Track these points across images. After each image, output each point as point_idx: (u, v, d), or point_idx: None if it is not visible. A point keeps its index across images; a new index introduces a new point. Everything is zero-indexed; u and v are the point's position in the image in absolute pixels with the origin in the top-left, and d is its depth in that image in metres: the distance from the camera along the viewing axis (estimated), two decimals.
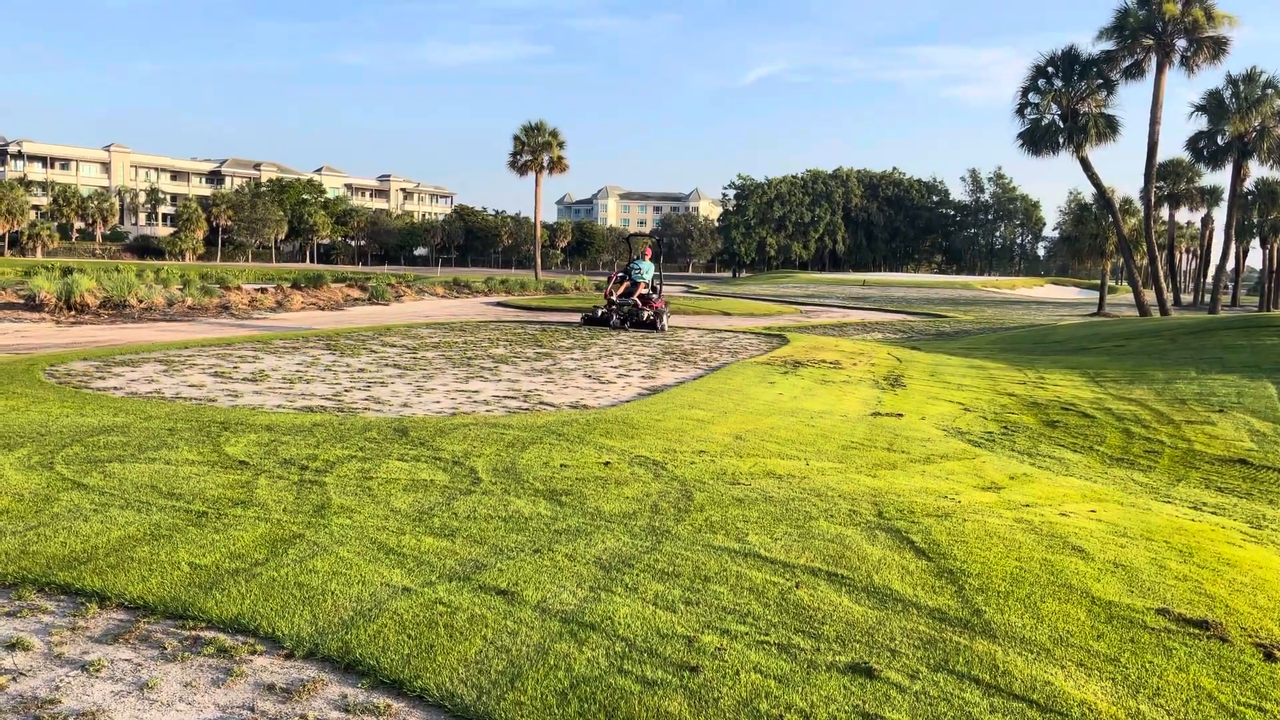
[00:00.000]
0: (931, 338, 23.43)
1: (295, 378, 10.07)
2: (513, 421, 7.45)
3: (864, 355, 15.43)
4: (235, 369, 10.61)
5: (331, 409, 8.11)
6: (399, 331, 16.69)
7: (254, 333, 16.40)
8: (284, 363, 11.42)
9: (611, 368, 12.23)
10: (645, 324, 18.12)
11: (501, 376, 10.87)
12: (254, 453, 6.03)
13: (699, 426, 7.64)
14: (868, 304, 40.81)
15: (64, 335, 15.14)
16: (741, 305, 34.82)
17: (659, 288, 19.34)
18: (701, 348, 15.54)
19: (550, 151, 57.91)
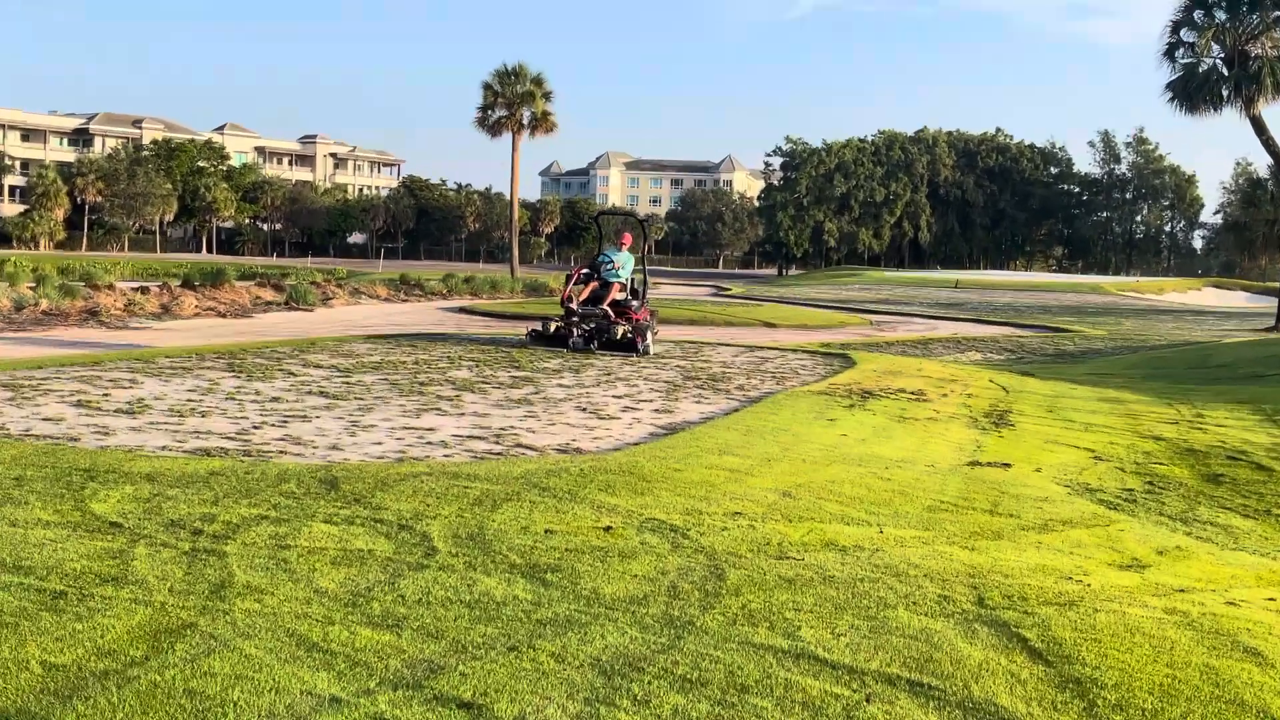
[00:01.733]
0: (1049, 359, 23.41)
1: (187, 409, 10.10)
2: (480, 471, 7.46)
3: (957, 383, 15.41)
4: (106, 397, 10.65)
5: (235, 452, 8.13)
6: (327, 347, 16.74)
7: (131, 347, 16.46)
8: (171, 389, 11.46)
9: (614, 398, 12.25)
10: (620, 344, 16.96)
11: (465, 408, 10.89)
12: (130, 511, 6.03)
13: (733, 479, 7.63)
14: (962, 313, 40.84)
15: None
16: (790, 314, 34.85)
17: (643, 291, 18.37)
18: (736, 371, 15.56)
19: (532, 105, 58.34)
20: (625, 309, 17.76)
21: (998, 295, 56.88)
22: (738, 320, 30.17)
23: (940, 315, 38.50)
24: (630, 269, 18.24)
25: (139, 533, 5.61)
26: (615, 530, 6.07)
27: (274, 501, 6.36)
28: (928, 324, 33.63)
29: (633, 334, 17.06)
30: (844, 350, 19.95)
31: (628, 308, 17.79)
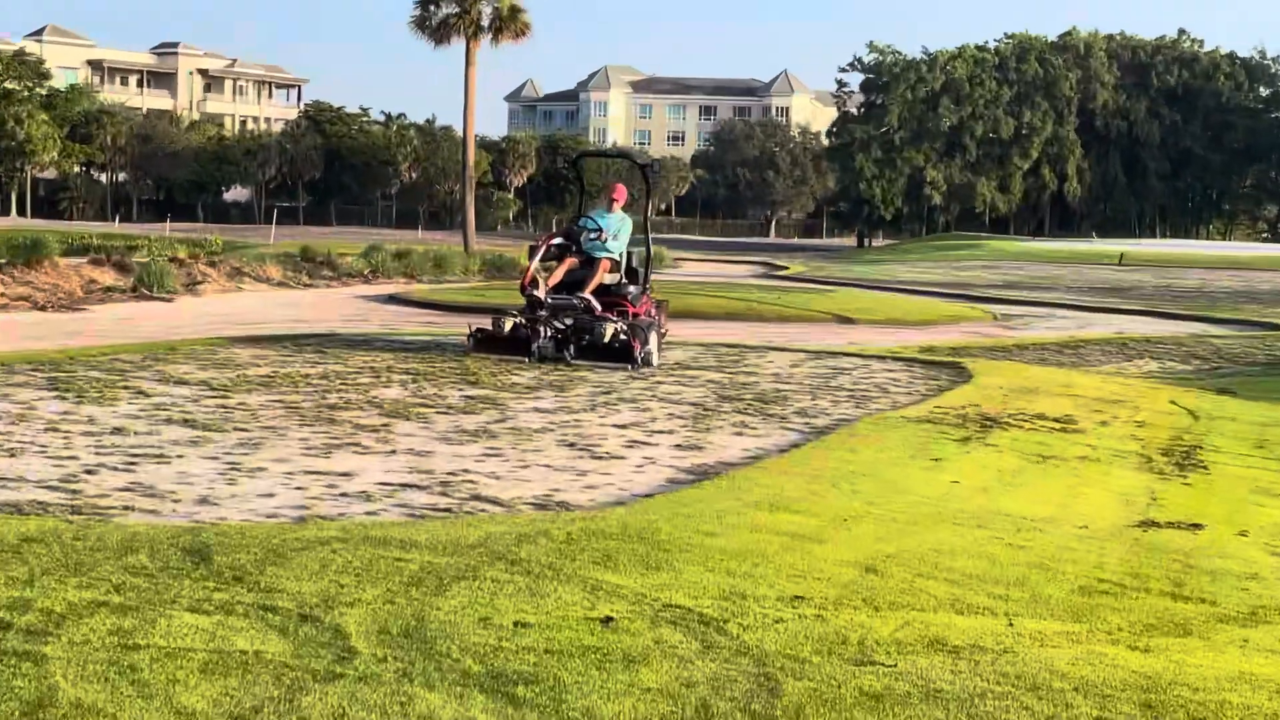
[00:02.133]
0: (1258, 370, 23.33)
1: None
2: (420, 535, 7.45)
3: (1122, 405, 15.38)
4: None
5: (59, 509, 8.12)
6: (195, 354, 16.77)
7: None
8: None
9: (615, 427, 12.25)
10: (609, 350, 16.74)
11: (397, 443, 10.90)
12: None
13: (792, 547, 7.62)
14: (1129, 301, 40.81)
15: None
16: (875, 303, 34.82)
17: (645, 272, 18.30)
18: (795, 388, 15.56)
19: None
20: (618, 298, 17.52)
21: (1182, 276, 56.85)
22: (797, 313, 30.15)
23: (1097, 305, 38.44)
24: (626, 238, 17.98)
25: None
26: (618, 623, 6.04)
27: (116, 581, 6.35)
28: (1078, 318, 33.57)
29: (628, 335, 16.75)
30: (955, 357, 19.94)
31: (622, 296, 17.57)
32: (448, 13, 58.90)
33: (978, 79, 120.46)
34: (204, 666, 5.30)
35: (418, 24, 59.64)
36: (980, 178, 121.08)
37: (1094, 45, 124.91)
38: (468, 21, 58.47)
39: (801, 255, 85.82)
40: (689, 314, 29.25)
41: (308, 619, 5.91)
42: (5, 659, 5.27)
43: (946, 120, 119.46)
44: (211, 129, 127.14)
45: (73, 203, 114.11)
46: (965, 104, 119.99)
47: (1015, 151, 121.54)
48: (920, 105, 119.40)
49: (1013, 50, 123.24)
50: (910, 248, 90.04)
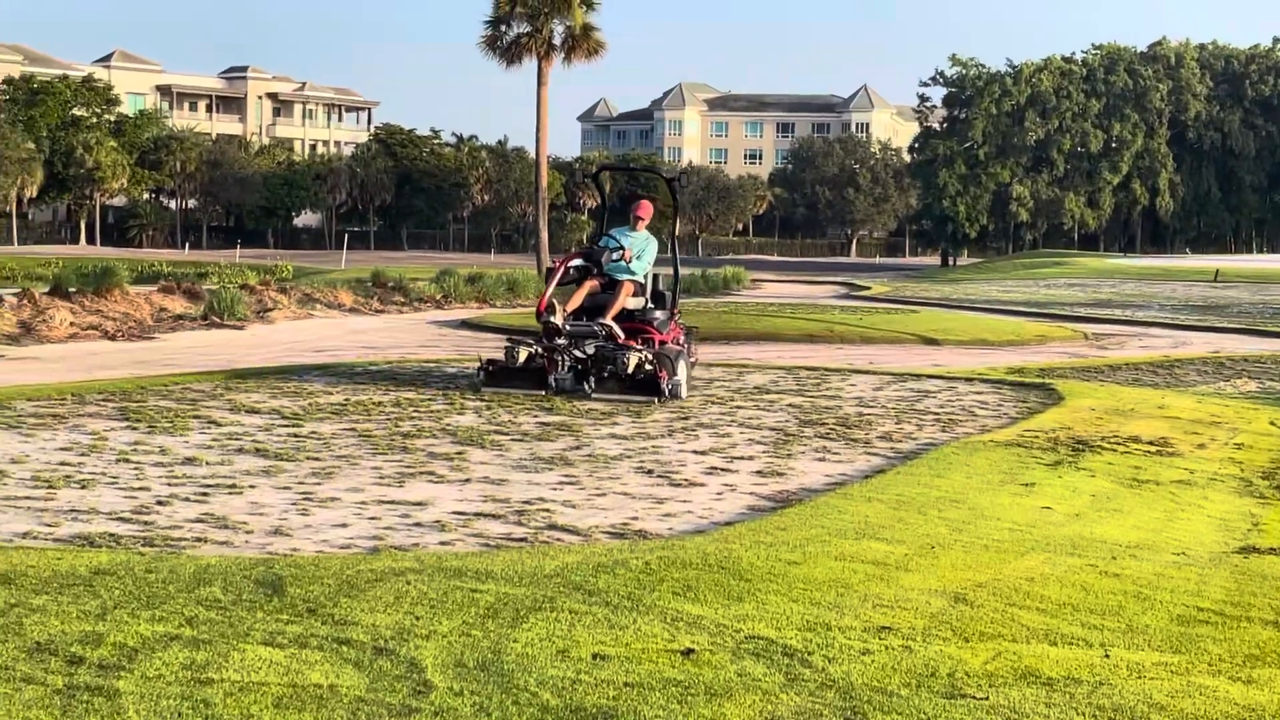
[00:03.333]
0: None
1: (58, 477, 10.23)
2: (495, 566, 7.47)
3: (1221, 427, 15.22)
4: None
5: (131, 540, 8.21)
6: (266, 382, 16.90)
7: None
8: (35, 447, 11.62)
9: (694, 453, 12.23)
10: (633, 381, 15.85)
11: (471, 471, 10.94)
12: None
13: (878, 577, 7.59)
14: (1226, 319, 40.36)
15: None
16: (961, 324, 34.64)
17: (672, 295, 17.71)
18: (879, 411, 15.49)
19: (567, 14, 58.80)
20: (643, 324, 16.78)
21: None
22: (880, 334, 30.03)
23: (1192, 324, 38.06)
24: (651, 259, 17.27)
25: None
26: (699, 654, 6.03)
27: (189, 614, 6.41)
28: (1172, 337, 33.24)
29: (654, 365, 15.90)
30: (1044, 379, 19.79)
31: (647, 322, 16.84)
32: (519, 32, 59.18)
33: (1064, 91, 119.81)
34: (278, 701, 5.33)
35: (489, 44, 59.96)
36: (1068, 193, 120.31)
37: (1185, 55, 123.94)
38: (539, 41, 58.72)
39: (884, 275, 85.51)
40: (768, 336, 29.26)
41: (383, 652, 5.94)
42: (78, 694, 5.32)
43: (1032, 134, 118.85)
44: (281, 153, 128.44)
45: (142, 230, 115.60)
46: (1052, 117, 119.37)
47: (1104, 165, 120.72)
48: (1005, 119, 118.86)
49: (1101, 61, 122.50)
50: (996, 266, 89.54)
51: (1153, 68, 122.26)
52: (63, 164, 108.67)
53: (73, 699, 5.27)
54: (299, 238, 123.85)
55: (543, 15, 58.55)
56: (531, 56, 59.14)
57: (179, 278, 43.75)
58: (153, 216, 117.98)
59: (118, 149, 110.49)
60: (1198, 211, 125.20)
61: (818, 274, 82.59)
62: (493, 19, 59.55)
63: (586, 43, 59.05)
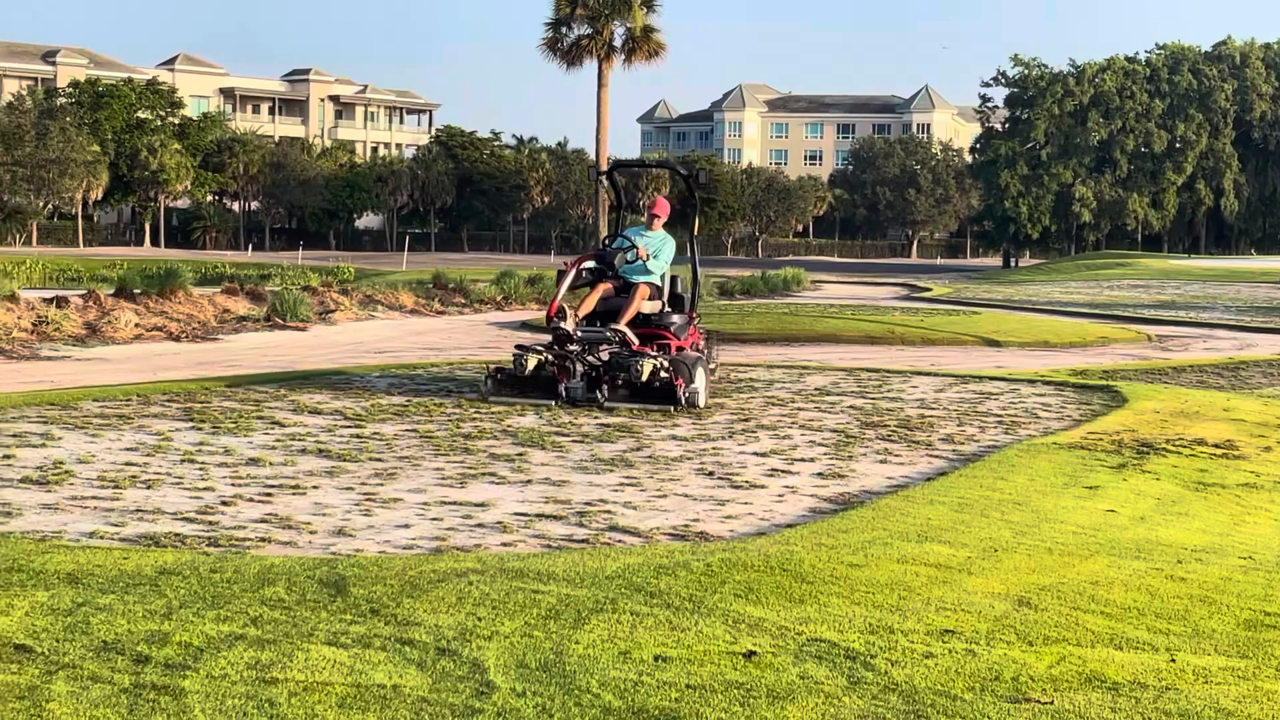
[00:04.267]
0: None
1: (124, 477, 10.32)
2: (557, 567, 7.49)
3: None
4: (6, 459, 10.94)
5: (196, 540, 8.27)
6: (329, 383, 17.00)
7: (43, 386, 16.93)
8: (102, 447, 11.73)
9: (755, 455, 12.22)
10: (648, 390, 15.07)
11: (532, 473, 10.96)
12: (44, 629, 6.17)
13: (941, 579, 7.57)
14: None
15: None
16: (1023, 325, 34.47)
17: (691, 297, 17.08)
18: (941, 414, 15.43)
19: (628, 17, 58.88)
20: (659, 329, 16.13)
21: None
22: (942, 336, 29.91)
23: (1258, 326, 37.70)
24: (668, 260, 16.57)
25: (57, 661, 5.74)
26: (761, 656, 6.03)
27: (253, 613, 6.46)
28: (1238, 339, 32.94)
29: (670, 372, 15.11)
30: (1108, 381, 19.65)
31: (664, 327, 16.17)
32: (579, 34, 59.39)
33: (1128, 91, 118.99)
34: (342, 701, 5.36)
35: (549, 46, 60.18)
36: (1131, 194, 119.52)
37: (1250, 55, 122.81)
38: (599, 43, 58.89)
39: (945, 276, 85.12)
40: (829, 338, 29.19)
41: (445, 652, 5.96)
42: (144, 693, 5.37)
43: (1095, 134, 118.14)
44: (343, 155, 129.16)
45: (205, 232, 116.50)
46: (1115, 117, 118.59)
47: (1168, 166, 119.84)
48: (1068, 119, 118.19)
49: (1164, 61, 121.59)
50: (1058, 267, 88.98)
51: (1217, 67, 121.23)
52: (127, 166, 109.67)
53: (139, 698, 5.32)
54: (360, 240, 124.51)
55: (603, 17, 58.70)
56: (592, 58, 59.35)
57: (242, 279, 44.03)
58: (216, 219, 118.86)
59: (181, 151, 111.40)
60: (1263, 212, 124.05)
61: (878, 275, 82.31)
62: (553, 21, 59.76)
63: (647, 44, 59.15)
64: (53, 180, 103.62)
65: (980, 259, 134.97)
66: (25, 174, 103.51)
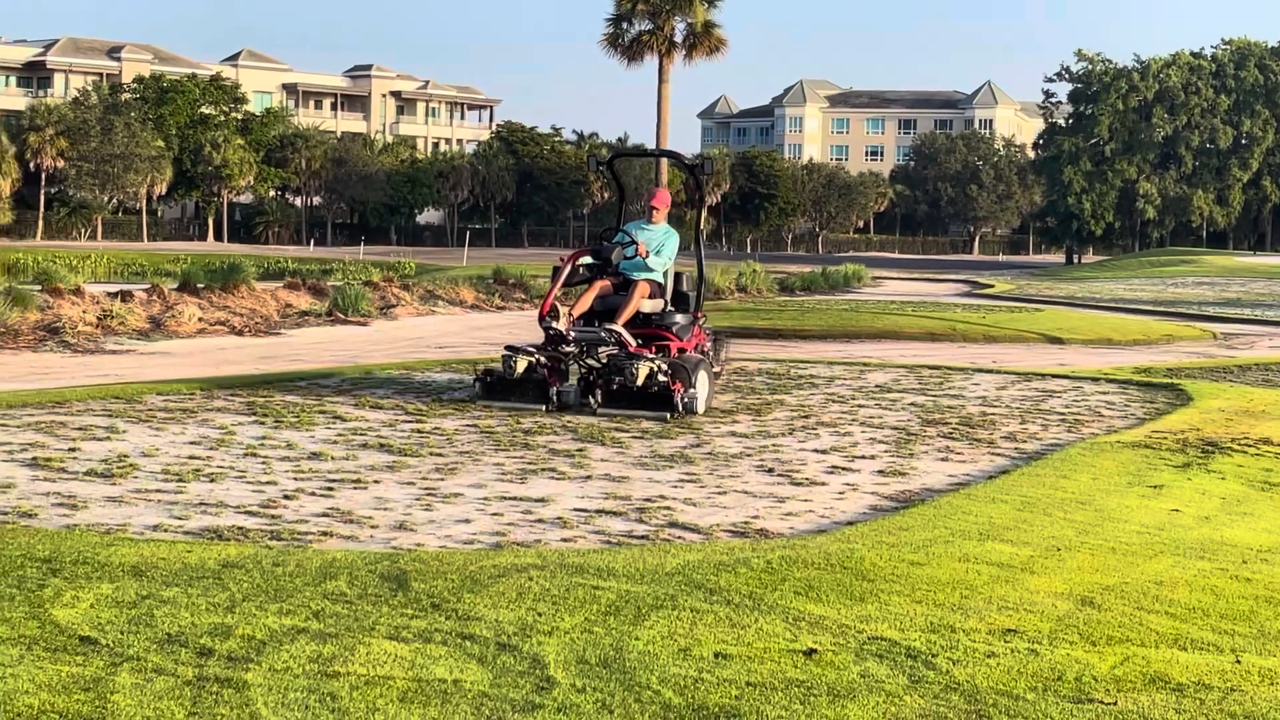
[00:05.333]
0: None
1: (188, 471, 10.40)
2: (617, 563, 7.49)
3: None
4: (72, 453, 11.04)
5: (259, 534, 8.32)
6: (390, 378, 17.06)
7: (108, 379, 17.08)
8: (166, 440, 11.82)
9: (815, 452, 12.20)
10: (644, 395, 14.11)
11: (592, 468, 10.98)
12: (109, 622, 6.22)
13: (1003, 578, 7.54)
14: None
15: None
16: (1086, 322, 34.26)
17: (696, 296, 15.85)
18: (1003, 412, 15.35)
19: (689, 12, 58.84)
20: (660, 330, 15.10)
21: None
22: (1004, 333, 29.75)
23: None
24: (670, 255, 15.46)
25: (122, 653, 5.79)
26: (822, 654, 6.02)
27: (315, 607, 6.50)
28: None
29: (669, 377, 14.10)
30: (1172, 379, 19.50)
31: (665, 327, 15.12)
32: (640, 30, 59.39)
33: (1193, 87, 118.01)
34: (403, 695, 5.39)
35: (610, 42, 60.21)
36: (1196, 190, 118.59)
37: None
38: (660, 38, 58.86)
39: (1007, 273, 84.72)
40: (889, 334, 29.10)
41: (506, 647, 5.98)
42: (207, 685, 5.41)
43: (1160, 130, 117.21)
44: (404, 151, 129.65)
45: (268, 227, 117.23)
46: (1180, 113, 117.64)
47: (1234, 162, 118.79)
48: (1132, 115, 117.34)
49: (1230, 57, 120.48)
50: (1122, 264, 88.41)
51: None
52: (191, 161, 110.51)
53: (202, 690, 5.36)
54: (421, 235, 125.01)
55: (664, 13, 58.69)
56: (652, 54, 59.32)
57: (304, 274, 44.36)
58: (278, 213, 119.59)
59: (245, 147, 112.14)
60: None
61: (939, 271, 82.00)
62: (614, 17, 59.80)
63: (708, 40, 59.10)
64: (117, 175, 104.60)
65: (1043, 256, 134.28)
66: (90, 169, 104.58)
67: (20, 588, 6.69)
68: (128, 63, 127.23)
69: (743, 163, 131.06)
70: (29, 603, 6.44)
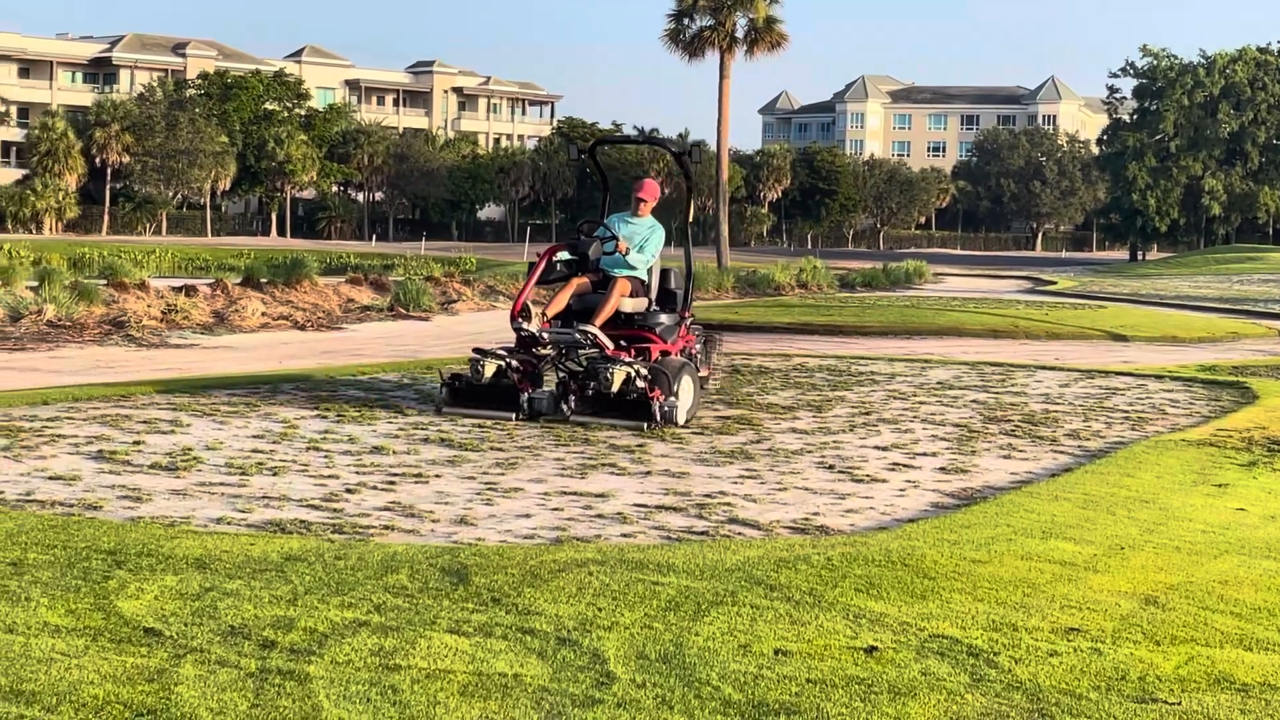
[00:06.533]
0: None
1: (251, 464, 10.47)
2: (676, 559, 7.49)
3: None
4: (137, 446, 11.14)
5: (321, 527, 8.37)
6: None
7: (172, 372, 17.22)
8: (230, 434, 11.91)
9: (876, 449, 12.16)
10: (620, 402, 12.98)
11: (652, 464, 10.98)
12: (173, 613, 6.28)
13: (1066, 577, 7.50)
14: None
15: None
16: (1150, 320, 34.03)
17: (684, 294, 14.64)
18: (1066, 409, 15.27)
19: (750, 8, 58.69)
20: (643, 331, 13.94)
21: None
22: (1066, 330, 29.60)
23: None
24: (655, 251, 14.28)
25: (185, 644, 5.84)
26: (883, 652, 6.01)
27: (377, 600, 6.53)
28: None
29: (649, 382, 12.91)
30: (1238, 377, 19.33)
31: (648, 329, 13.95)
32: (701, 25, 59.36)
33: (1259, 82, 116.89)
34: (464, 689, 5.41)
35: (671, 38, 60.19)
36: (1263, 186, 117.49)
37: None
38: (722, 34, 58.81)
39: (1070, 269, 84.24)
40: (951, 331, 28.99)
41: (565, 642, 6.00)
42: (270, 677, 5.45)
43: (1226, 126, 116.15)
44: (465, 147, 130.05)
45: (330, 222, 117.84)
46: (1246, 109, 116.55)
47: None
48: (1198, 111, 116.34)
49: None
50: (1187, 261, 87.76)
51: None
52: (255, 157, 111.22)
53: (265, 682, 5.40)
54: (482, 230, 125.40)
55: (725, 8, 58.62)
56: (714, 50, 59.27)
57: (366, 269, 44.57)
58: (340, 209, 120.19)
59: (307, 142, 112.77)
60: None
61: (1001, 268, 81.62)
62: (676, 13, 59.77)
63: (769, 35, 59.00)
64: (182, 171, 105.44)
65: (1106, 252, 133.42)
66: (155, 164, 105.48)
67: (86, 579, 6.76)
68: (192, 59, 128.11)
69: (804, 158, 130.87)
70: (94, 594, 6.51)
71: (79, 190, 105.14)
